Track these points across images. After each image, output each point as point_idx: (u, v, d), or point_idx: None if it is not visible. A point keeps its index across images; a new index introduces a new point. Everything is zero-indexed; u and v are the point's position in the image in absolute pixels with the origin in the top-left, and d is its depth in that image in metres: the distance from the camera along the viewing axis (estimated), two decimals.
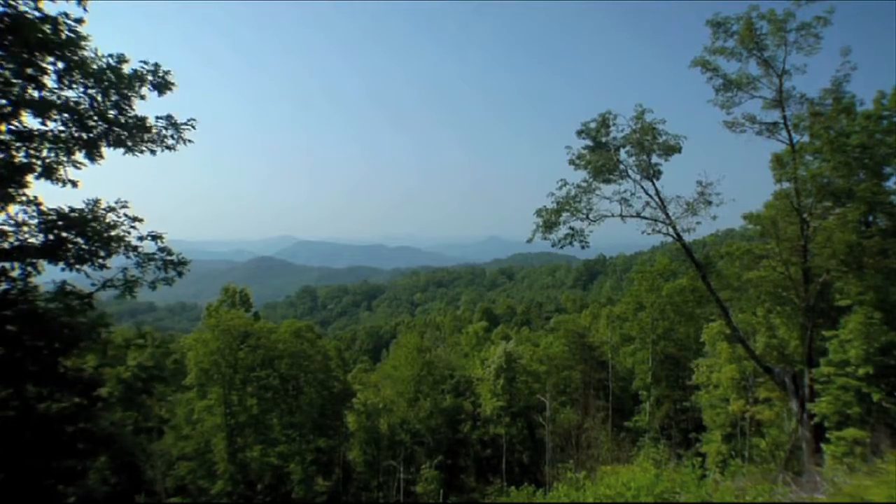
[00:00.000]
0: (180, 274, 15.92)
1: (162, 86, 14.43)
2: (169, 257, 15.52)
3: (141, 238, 15.34)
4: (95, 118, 13.84)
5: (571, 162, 23.92)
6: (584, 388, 55.45)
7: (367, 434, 50.43)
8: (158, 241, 15.50)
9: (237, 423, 40.37)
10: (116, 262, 15.40)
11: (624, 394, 55.56)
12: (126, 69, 13.68)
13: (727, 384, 36.23)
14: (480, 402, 52.61)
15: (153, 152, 15.22)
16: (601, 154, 23.42)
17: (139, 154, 15.09)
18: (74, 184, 14.21)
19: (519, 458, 51.30)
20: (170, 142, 15.23)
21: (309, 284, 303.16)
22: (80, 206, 14.24)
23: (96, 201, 14.64)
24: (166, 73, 14.28)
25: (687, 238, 23.62)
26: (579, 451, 45.58)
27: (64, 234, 13.73)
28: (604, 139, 23.72)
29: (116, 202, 14.86)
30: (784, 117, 22.51)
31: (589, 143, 23.93)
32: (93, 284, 14.93)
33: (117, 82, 13.51)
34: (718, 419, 39.00)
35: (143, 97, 14.34)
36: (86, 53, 12.99)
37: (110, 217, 14.65)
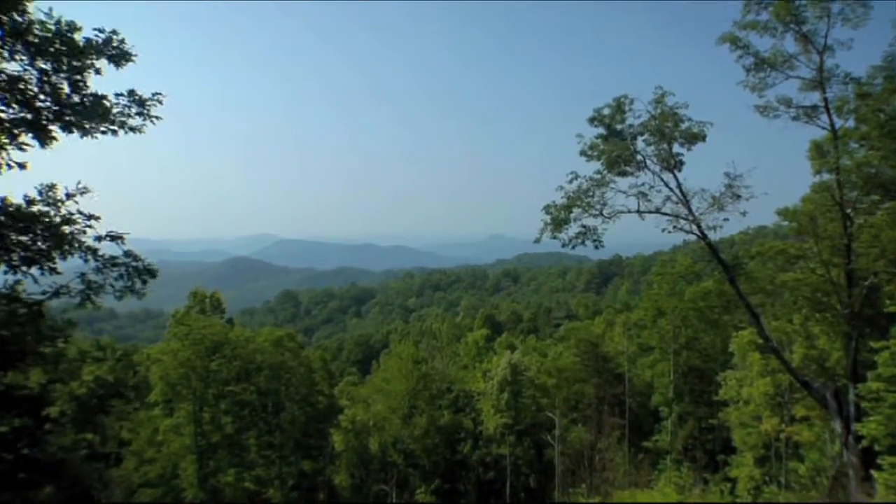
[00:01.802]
0: (144, 283, 15.54)
1: (119, 57, 14.04)
2: (135, 263, 15.12)
3: (99, 238, 14.93)
4: (43, 96, 13.44)
5: (583, 153, 23.59)
6: (598, 404, 55.21)
7: (356, 455, 50.24)
8: (119, 241, 15.11)
9: (209, 443, 39.98)
10: (69, 265, 15.01)
11: (642, 410, 55.33)
12: (78, 38, 13.23)
13: (759, 400, 35.97)
14: (482, 419, 52.46)
15: (115, 133, 14.87)
16: (616, 143, 23.08)
17: (98, 136, 14.73)
18: (22, 166, 13.77)
19: (525, 482, 51.09)
20: (134, 122, 14.87)
21: (290, 288, 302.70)
22: (24, 198, 13.82)
23: (51, 187, 14.22)
24: (121, 41, 13.83)
25: (713, 236, 23.26)
26: (592, 474, 45.39)
27: (3, 232, 13.31)
28: (619, 126, 23.38)
29: (78, 187, 14.40)
30: (825, 99, 22.12)
31: (602, 131, 23.59)
32: (44, 292, 14.54)
33: (69, 53, 13.06)
34: (750, 439, 38.69)
35: (98, 71, 13.99)
36: (31, 18, 12.53)
37: (67, 207, 14.23)
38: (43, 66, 13.05)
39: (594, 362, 57.70)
